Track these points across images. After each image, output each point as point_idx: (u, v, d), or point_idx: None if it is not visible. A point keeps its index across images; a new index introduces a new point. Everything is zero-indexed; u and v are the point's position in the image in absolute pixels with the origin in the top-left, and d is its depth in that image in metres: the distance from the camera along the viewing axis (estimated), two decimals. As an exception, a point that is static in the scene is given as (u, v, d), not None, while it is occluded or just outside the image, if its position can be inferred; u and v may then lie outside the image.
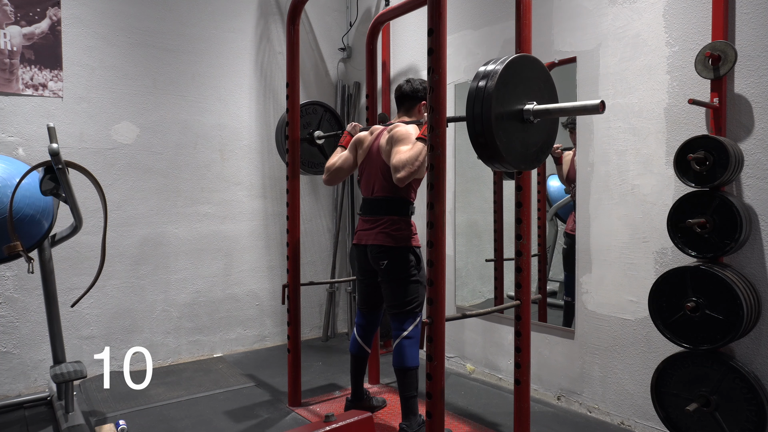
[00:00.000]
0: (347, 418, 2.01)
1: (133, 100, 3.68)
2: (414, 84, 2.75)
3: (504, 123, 1.79)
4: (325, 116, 3.54)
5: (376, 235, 2.64)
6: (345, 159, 2.85)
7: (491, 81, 1.76)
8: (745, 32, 2.34)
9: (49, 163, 2.61)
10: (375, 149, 2.72)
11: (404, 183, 2.49)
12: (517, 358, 2.48)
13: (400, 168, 2.45)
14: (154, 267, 3.78)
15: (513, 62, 1.82)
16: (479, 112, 1.76)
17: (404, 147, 2.50)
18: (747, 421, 2.18)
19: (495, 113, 1.75)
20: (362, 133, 2.85)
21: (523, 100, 1.87)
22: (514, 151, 1.85)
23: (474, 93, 1.79)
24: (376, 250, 2.64)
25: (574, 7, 2.97)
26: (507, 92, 1.80)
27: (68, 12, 3.42)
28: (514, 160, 1.87)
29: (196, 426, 2.83)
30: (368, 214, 2.72)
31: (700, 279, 2.23)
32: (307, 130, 3.46)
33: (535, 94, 1.90)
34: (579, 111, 1.82)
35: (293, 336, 3.07)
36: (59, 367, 2.71)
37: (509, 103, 1.82)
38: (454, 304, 3.70)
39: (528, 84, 1.89)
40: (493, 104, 1.75)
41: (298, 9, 3.01)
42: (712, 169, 2.22)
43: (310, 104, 3.51)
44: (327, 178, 2.89)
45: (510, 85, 1.82)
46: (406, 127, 2.59)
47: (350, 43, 4.65)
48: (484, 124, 1.76)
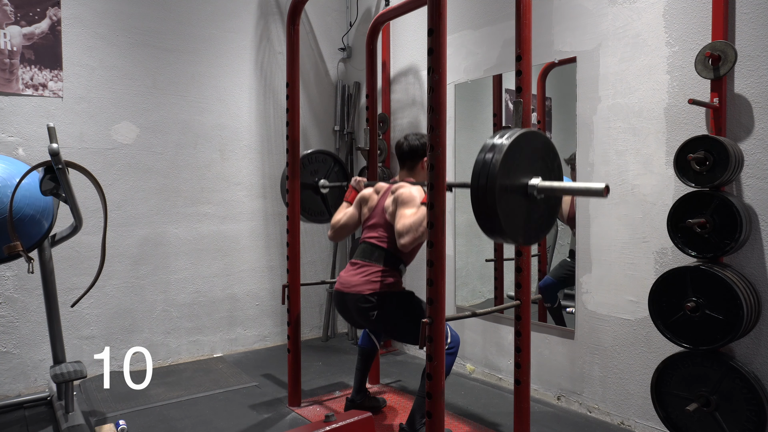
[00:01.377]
0: (347, 418, 2.01)
1: (133, 100, 3.68)
2: (411, 142, 2.76)
3: (508, 196, 1.81)
4: (334, 167, 3.57)
5: (361, 281, 2.57)
6: (350, 216, 2.87)
7: (498, 154, 1.77)
8: (745, 32, 2.34)
9: (49, 163, 2.61)
10: (380, 209, 2.73)
11: (408, 248, 2.49)
12: (517, 358, 2.48)
13: (403, 233, 2.46)
14: (154, 267, 3.78)
15: (521, 137, 1.83)
16: (484, 184, 1.77)
17: (408, 211, 2.51)
18: (747, 421, 2.18)
19: (499, 185, 1.76)
20: (367, 191, 2.86)
21: (528, 174, 1.88)
22: (515, 225, 1.86)
23: (480, 164, 1.80)
24: (360, 301, 2.55)
25: (574, 7, 2.97)
26: (513, 166, 1.82)
27: (68, 12, 3.42)
28: (515, 234, 1.87)
29: (196, 426, 2.83)
30: (358, 257, 2.68)
31: (700, 279, 2.23)
32: (314, 178, 3.48)
33: (541, 169, 1.92)
34: (584, 192, 1.82)
35: (293, 336, 3.07)
36: (59, 367, 2.71)
37: (514, 177, 1.84)
38: (454, 304, 3.70)
39: (534, 159, 1.90)
40: (498, 177, 1.76)
41: (298, 9, 3.01)
42: (712, 169, 2.22)
43: (320, 153, 3.54)
44: (332, 234, 2.91)
45: (516, 159, 1.83)
46: (411, 190, 2.58)
47: (350, 43, 4.65)
48: (487, 196, 1.77)
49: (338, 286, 2.66)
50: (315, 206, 3.50)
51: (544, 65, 3.20)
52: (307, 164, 3.46)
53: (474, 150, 3.86)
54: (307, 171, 3.45)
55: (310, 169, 3.47)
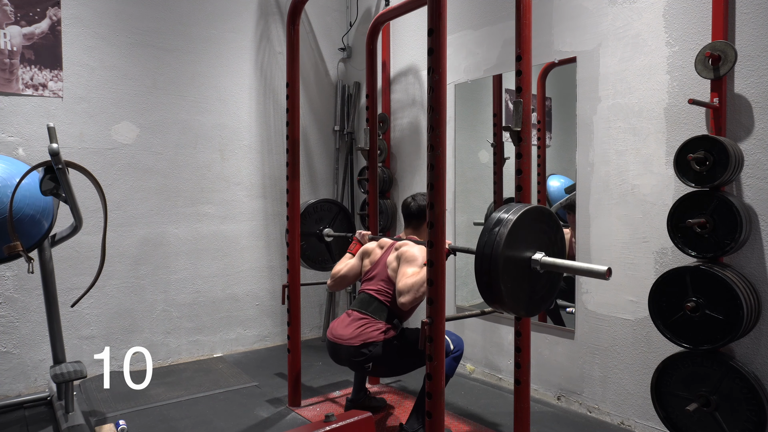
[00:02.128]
0: (347, 418, 2.01)
1: (133, 100, 3.68)
2: (420, 202, 2.79)
3: (511, 268, 1.85)
4: (339, 216, 3.58)
5: (353, 333, 2.55)
6: (351, 267, 2.88)
7: (504, 228, 1.83)
8: (745, 32, 2.34)
9: (49, 163, 2.61)
10: (382, 263, 2.74)
11: (407, 308, 2.51)
12: (517, 358, 2.48)
13: (404, 292, 2.47)
14: (154, 267, 3.78)
15: (526, 213, 1.88)
16: (488, 254, 1.82)
17: (410, 270, 2.52)
18: (747, 421, 2.18)
19: (503, 258, 1.81)
20: (371, 245, 2.88)
21: (532, 248, 1.92)
22: (516, 296, 1.90)
23: (486, 236, 1.85)
24: (354, 355, 2.54)
25: (574, 7, 2.97)
26: (517, 239, 1.86)
27: (68, 12, 3.42)
28: (516, 305, 1.91)
29: (196, 426, 2.83)
30: (356, 307, 2.68)
31: (700, 279, 2.23)
32: (319, 226, 3.49)
33: (544, 241, 1.96)
34: (586, 273, 1.85)
35: (293, 336, 3.07)
36: (59, 367, 2.71)
37: (518, 250, 1.88)
38: (454, 304, 3.70)
39: (537, 232, 1.95)
40: (503, 248, 1.80)
41: (298, 9, 3.01)
42: (712, 169, 2.22)
43: (326, 202, 3.56)
44: (331, 284, 2.92)
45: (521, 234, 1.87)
46: (414, 249, 2.60)
47: (350, 43, 4.65)
48: (491, 266, 1.81)
49: (331, 337, 2.64)
50: (319, 254, 3.52)
51: (544, 65, 3.20)
52: (312, 213, 3.47)
53: (474, 150, 3.86)
54: (311, 219, 3.46)
55: (315, 218, 3.49)
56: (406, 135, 4.10)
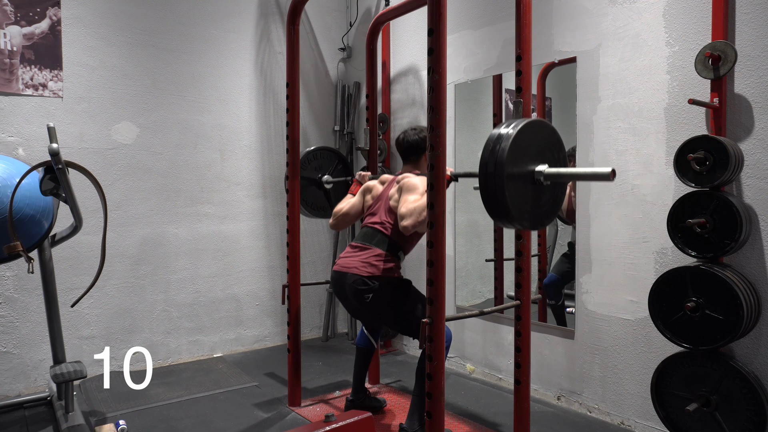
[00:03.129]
0: (347, 418, 2.01)
1: (133, 100, 3.68)
2: (410, 138, 2.79)
3: (515, 183, 1.85)
4: (338, 165, 3.59)
5: (360, 263, 2.60)
6: (353, 205, 2.91)
7: (505, 143, 1.82)
8: (745, 32, 2.34)
9: (49, 163, 2.61)
10: (384, 196, 2.75)
11: (409, 232, 2.51)
12: (517, 358, 2.48)
13: (406, 216, 2.48)
14: (154, 267, 3.78)
15: (526, 126, 1.88)
16: (492, 172, 1.82)
17: (412, 197, 2.54)
18: (747, 421, 2.18)
19: (507, 173, 1.80)
20: (371, 182, 2.89)
21: (535, 161, 1.92)
22: (523, 210, 1.90)
23: (488, 153, 1.84)
24: (357, 282, 2.57)
25: (574, 7, 2.97)
26: (519, 154, 1.86)
27: (68, 12, 3.42)
28: (523, 220, 1.91)
29: (196, 426, 2.83)
30: (359, 240, 2.71)
31: (700, 279, 2.23)
32: (317, 174, 3.50)
33: (547, 157, 1.95)
34: (590, 177, 1.86)
35: (293, 336, 3.07)
36: (59, 367, 2.71)
37: (521, 165, 1.88)
38: (454, 304, 3.70)
39: (540, 147, 1.94)
40: (506, 165, 1.80)
41: (298, 9, 3.01)
42: (712, 169, 2.22)
43: (325, 150, 3.57)
44: (333, 222, 2.94)
45: (523, 147, 1.87)
46: (416, 179, 2.62)
47: (350, 43, 4.65)
48: (496, 183, 1.81)
49: (337, 267, 2.69)
50: (318, 201, 3.52)
51: (544, 65, 3.20)
52: (312, 160, 3.48)
53: (474, 150, 3.86)
54: (311, 167, 3.47)
55: (314, 165, 3.49)
56: (406, 135, 4.10)
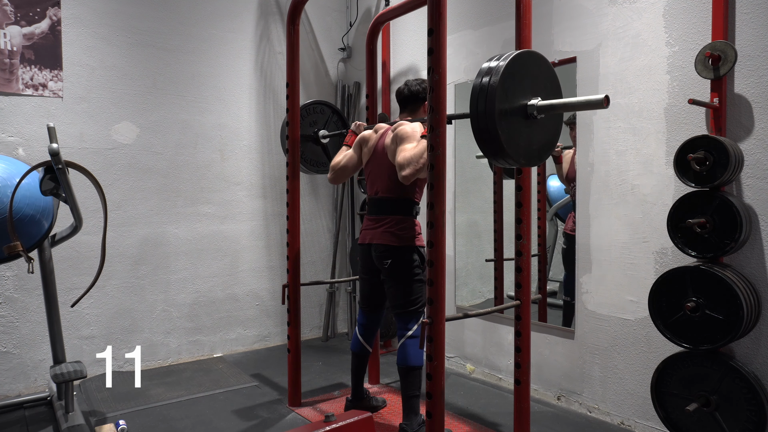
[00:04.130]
0: (347, 418, 2.01)
1: (133, 100, 3.68)
2: (412, 87, 2.77)
3: (508, 118, 1.78)
4: (332, 118, 3.56)
5: (381, 234, 2.66)
6: (350, 158, 2.87)
7: (495, 77, 1.75)
8: (745, 32, 2.34)
9: (49, 163, 2.61)
10: (380, 148, 2.73)
11: (409, 181, 2.49)
12: (517, 358, 2.48)
13: (405, 166, 2.46)
14: (154, 267, 3.78)
15: (517, 58, 1.80)
16: (483, 109, 1.75)
17: (409, 145, 2.51)
18: (747, 421, 2.18)
19: (499, 109, 1.74)
20: (367, 132, 2.86)
21: (527, 95, 1.85)
22: (517, 146, 1.83)
23: (478, 89, 1.78)
24: (380, 249, 2.66)
25: (574, 7, 2.97)
26: (511, 88, 1.79)
27: (68, 12, 3.42)
28: (518, 156, 1.85)
29: (196, 426, 2.83)
30: (373, 213, 2.74)
31: (700, 279, 2.23)
32: (313, 129, 3.47)
33: (540, 90, 1.88)
34: (584, 106, 1.81)
35: (293, 336, 3.07)
36: (59, 367, 2.71)
37: (513, 99, 1.81)
38: (454, 304, 3.70)
39: (532, 80, 1.87)
40: (497, 100, 1.73)
41: (298, 9, 3.01)
42: (712, 169, 2.22)
43: (317, 104, 3.53)
44: (332, 176, 2.92)
45: (514, 80, 1.80)
46: (410, 125, 2.59)
47: (350, 43, 4.65)
48: (488, 120, 1.74)
49: (361, 239, 2.77)
50: (315, 157, 3.49)
51: (544, 65, 3.20)
52: (305, 116, 3.44)
53: (474, 150, 3.86)
54: (305, 122, 3.43)
55: (309, 120, 3.45)
56: (406, 135, 4.09)
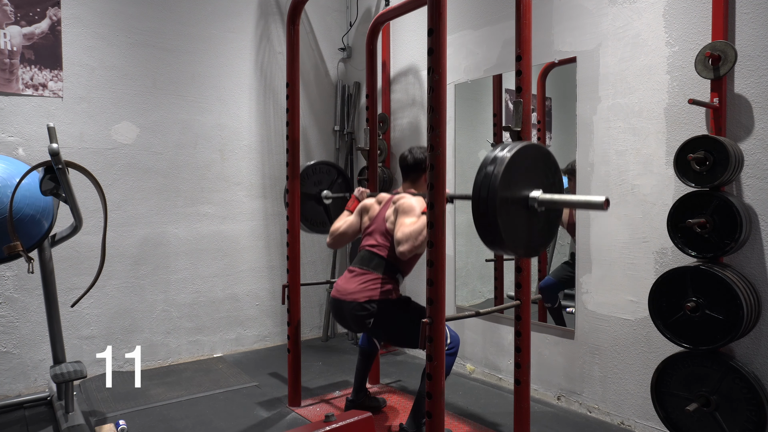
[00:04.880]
0: (347, 418, 2.01)
1: (133, 100, 3.68)
2: (416, 155, 2.78)
3: (509, 208, 1.82)
4: (337, 180, 3.58)
5: (356, 288, 2.57)
6: (350, 224, 2.87)
7: (499, 167, 1.79)
8: (745, 32, 2.34)
9: (49, 163, 2.61)
10: (380, 218, 2.73)
11: (406, 257, 2.50)
12: (517, 358, 2.48)
13: (403, 241, 2.47)
14: (154, 267, 3.78)
15: (522, 150, 1.84)
16: (485, 196, 1.79)
17: (408, 220, 2.52)
18: (747, 421, 2.18)
19: (500, 198, 1.77)
20: (369, 200, 2.87)
21: (529, 187, 1.89)
22: (516, 236, 1.87)
23: (481, 177, 1.82)
24: (356, 309, 2.54)
25: (574, 7, 2.97)
26: (514, 179, 1.83)
27: (68, 12, 3.42)
28: (516, 246, 1.88)
29: (196, 426, 2.83)
30: (356, 265, 2.68)
31: (700, 279, 2.23)
32: (317, 188, 3.49)
33: (542, 183, 1.92)
34: (584, 205, 1.84)
35: (293, 336, 3.07)
36: (59, 367, 2.71)
37: (515, 190, 1.85)
38: (454, 304, 3.70)
39: (535, 172, 1.91)
40: (499, 189, 1.77)
41: (298, 9, 3.01)
42: (712, 169, 2.22)
43: (325, 164, 3.55)
44: (331, 241, 2.91)
45: (517, 171, 1.84)
46: (412, 200, 2.60)
47: (350, 43, 4.65)
48: (488, 208, 1.78)
49: (335, 294, 2.65)
50: (317, 216, 3.51)
51: (544, 65, 3.20)
52: (311, 174, 3.46)
53: (474, 150, 3.86)
54: (310, 181, 3.45)
55: (314, 180, 3.48)
56: (406, 135, 4.10)
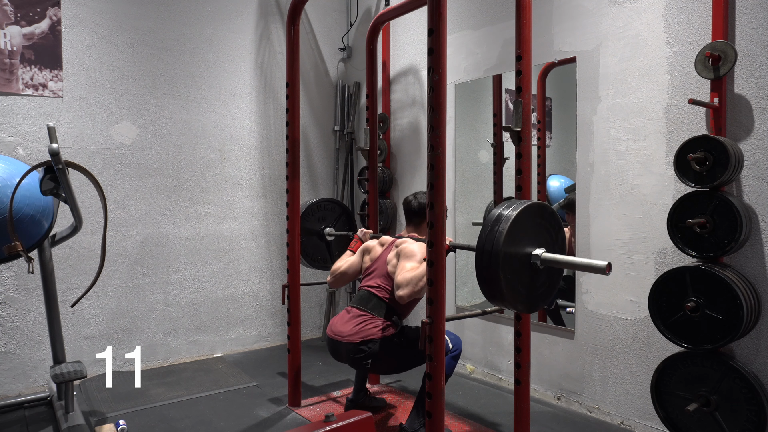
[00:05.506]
0: (347, 418, 2.01)
1: (133, 100, 3.67)
2: (421, 200, 2.79)
3: (511, 264, 1.85)
4: (342, 217, 3.59)
5: (353, 329, 2.56)
6: (351, 264, 2.88)
7: (504, 224, 1.83)
8: (745, 32, 2.34)
9: (49, 163, 2.61)
10: (382, 260, 2.74)
11: (405, 301, 2.50)
12: (517, 358, 2.48)
13: (402, 286, 2.47)
14: (154, 267, 3.78)
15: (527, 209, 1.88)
16: (489, 250, 1.83)
17: (409, 264, 2.53)
18: (747, 421, 2.18)
19: (504, 253, 1.81)
20: (371, 242, 2.88)
21: (533, 245, 1.92)
22: (517, 292, 1.90)
23: (486, 233, 1.86)
24: (353, 352, 2.54)
25: (574, 7, 2.97)
26: (517, 236, 1.86)
27: (68, 12, 3.42)
28: (517, 302, 1.91)
29: (196, 426, 2.83)
30: (354, 304, 2.69)
31: (700, 279, 2.23)
32: (320, 225, 3.50)
33: (545, 240, 1.95)
34: (586, 268, 1.87)
35: (293, 336, 3.07)
36: (59, 367, 2.71)
37: (518, 247, 1.88)
38: (454, 304, 3.70)
39: (539, 230, 1.94)
40: (503, 245, 1.81)
41: (298, 9, 3.01)
42: (712, 169, 2.22)
43: (329, 201, 3.56)
44: (331, 280, 2.92)
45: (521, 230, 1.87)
46: (414, 245, 2.61)
47: (350, 43, 4.65)
48: (491, 262, 1.82)
49: (331, 334, 2.65)
50: (318, 253, 3.52)
51: (544, 65, 3.20)
52: (315, 211, 3.47)
53: (474, 150, 3.86)
54: (314, 218, 3.46)
55: (318, 216, 3.49)
56: (406, 135, 4.10)
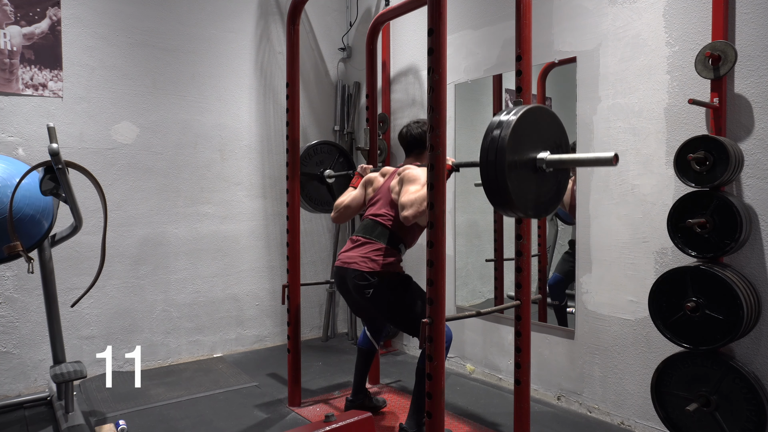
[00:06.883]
0: (347, 418, 2.02)
1: (133, 100, 3.68)
2: (413, 131, 2.79)
3: (517, 171, 1.82)
4: (339, 159, 3.58)
5: (359, 258, 2.58)
6: (354, 197, 2.89)
7: (505, 130, 1.79)
8: (745, 32, 2.34)
9: (49, 163, 2.61)
10: (385, 189, 2.74)
11: (410, 222, 2.50)
12: (517, 358, 2.48)
13: (407, 206, 2.47)
14: (154, 267, 3.78)
15: (528, 112, 1.85)
16: (492, 160, 1.79)
17: (413, 187, 2.53)
18: (747, 421, 2.18)
19: (508, 161, 1.78)
20: (373, 174, 2.89)
21: (537, 149, 1.89)
22: (525, 198, 1.87)
23: (488, 142, 1.82)
24: (357, 278, 2.56)
25: (574, 7, 2.97)
26: (520, 141, 1.83)
27: (68, 12, 3.42)
28: (526, 208, 1.89)
29: (196, 426, 2.83)
30: (359, 233, 2.70)
31: (700, 279, 2.23)
32: (319, 168, 3.49)
33: (549, 144, 1.92)
34: (592, 162, 1.85)
35: (293, 336, 3.07)
36: (59, 367, 2.71)
37: (522, 152, 1.85)
38: (454, 304, 3.70)
39: (542, 134, 1.91)
40: (507, 152, 1.78)
41: (298, 9, 3.01)
42: (712, 169, 2.22)
43: (326, 144, 3.55)
44: (335, 215, 2.92)
45: (524, 134, 1.84)
46: (416, 170, 2.61)
47: (350, 43, 4.65)
48: (497, 172, 1.78)
49: (338, 262, 2.68)
50: (320, 196, 3.51)
51: (544, 65, 3.20)
52: (313, 155, 3.47)
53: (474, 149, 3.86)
54: (312, 161, 3.46)
55: (316, 160, 3.48)
56: (406, 135, 4.10)
